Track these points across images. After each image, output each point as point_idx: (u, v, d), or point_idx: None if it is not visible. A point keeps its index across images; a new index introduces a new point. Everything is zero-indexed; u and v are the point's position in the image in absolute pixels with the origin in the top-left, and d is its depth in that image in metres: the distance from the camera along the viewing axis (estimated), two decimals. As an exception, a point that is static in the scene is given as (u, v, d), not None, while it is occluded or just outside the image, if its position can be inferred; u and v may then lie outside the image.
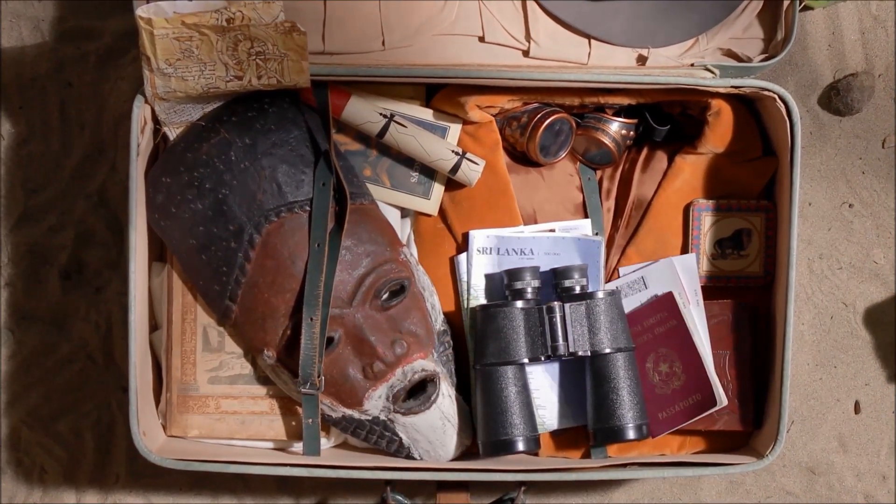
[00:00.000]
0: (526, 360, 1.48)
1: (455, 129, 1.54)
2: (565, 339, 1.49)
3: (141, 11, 1.37)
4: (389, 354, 1.45)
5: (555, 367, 1.55)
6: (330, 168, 1.46)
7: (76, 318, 1.66)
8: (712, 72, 1.49)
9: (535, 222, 1.55)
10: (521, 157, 1.56)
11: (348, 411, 1.48)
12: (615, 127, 1.55)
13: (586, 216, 1.56)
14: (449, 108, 1.53)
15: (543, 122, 1.51)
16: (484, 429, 1.49)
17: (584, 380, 1.53)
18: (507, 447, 1.48)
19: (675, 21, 1.51)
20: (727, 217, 1.55)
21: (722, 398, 1.50)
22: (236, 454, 1.49)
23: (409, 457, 1.50)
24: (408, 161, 1.54)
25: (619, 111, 1.56)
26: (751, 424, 1.55)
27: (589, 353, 1.49)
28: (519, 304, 1.48)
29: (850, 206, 1.68)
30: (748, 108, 1.54)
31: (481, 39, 1.51)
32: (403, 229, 1.57)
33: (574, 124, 1.54)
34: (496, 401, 1.48)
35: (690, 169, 1.55)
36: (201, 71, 1.42)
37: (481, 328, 1.49)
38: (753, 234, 1.55)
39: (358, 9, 1.49)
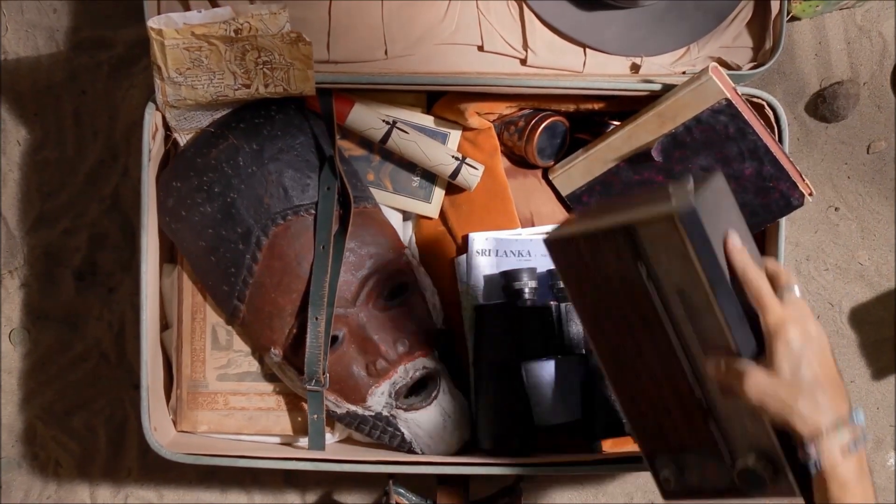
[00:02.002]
0: (523, 359, 1.48)
1: (455, 136, 1.54)
2: (561, 337, 1.49)
3: (152, 23, 1.37)
4: (392, 352, 1.45)
5: (551, 365, 1.55)
6: (334, 173, 1.46)
7: (90, 317, 1.66)
8: (703, 80, 1.50)
9: (533, 225, 1.55)
10: (520, 161, 1.56)
11: (352, 407, 1.48)
12: (609, 133, 1.55)
13: (582, 219, 1.56)
14: (449, 114, 1.54)
15: (540, 125, 1.51)
16: (483, 426, 1.49)
17: (578, 377, 1.53)
18: (505, 443, 1.48)
19: (668, 30, 1.51)
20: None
21: None
22: (244, 449, 1.49)
23: (411, 451, 1.51)
24: (409, 166, 1.54)
25: (613, 117, 1.56)
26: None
27: (583, 351, 1.49)
28: (516, 304, 1.48)
29: (836, 209, 1.68)
30: (738, 114, 1.55)
31: (480, 49, 1.51)
32: (405, 232, 1.57)
33: (569, 126, 1.54)
34: (494, 398, 1.48)
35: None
36: (210, 80, 1.42)
37: (479, 328, 1.49)
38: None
39: (362, 19, 1.49)
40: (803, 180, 1.45)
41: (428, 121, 1.54)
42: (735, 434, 1.20)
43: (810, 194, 1.45)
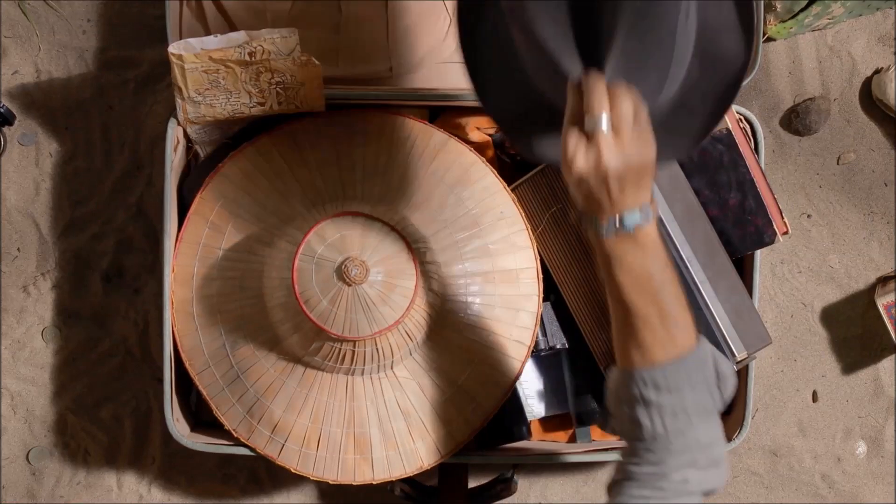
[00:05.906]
0: None
1: (455, 148, 1.54)
2: (544, 334, 1.48)
3: (172, 48, 1.38)
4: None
5: (538, 361, 1.54)
6: None
7: (116, 316, 1.65)
8: (685, 95, 1.49)
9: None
10: (519, 166, 1.56)
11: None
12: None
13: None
14: (450, 129, 1.53)
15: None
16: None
17: (563, 371, 1.52)
18: (503, 436, 1.48)
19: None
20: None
21: None
22: (259, 439, 1.49)
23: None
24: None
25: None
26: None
27: (566, 346, 1.49)
28: None
29: (809, 216, 1.68)
30: (717, 128, 1.54)
31: (479, 66, 1.51)
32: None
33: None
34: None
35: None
36: (227, 99, 1.42)
37: None
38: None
39: (368, 41, 1.48)
40: (782, 219, 1.44)
41: (430, 135, 1.54)
42: None
43: (785, 233, 1.45)
